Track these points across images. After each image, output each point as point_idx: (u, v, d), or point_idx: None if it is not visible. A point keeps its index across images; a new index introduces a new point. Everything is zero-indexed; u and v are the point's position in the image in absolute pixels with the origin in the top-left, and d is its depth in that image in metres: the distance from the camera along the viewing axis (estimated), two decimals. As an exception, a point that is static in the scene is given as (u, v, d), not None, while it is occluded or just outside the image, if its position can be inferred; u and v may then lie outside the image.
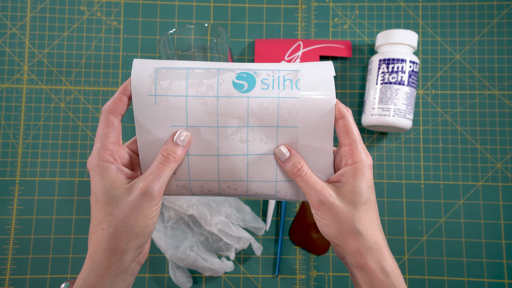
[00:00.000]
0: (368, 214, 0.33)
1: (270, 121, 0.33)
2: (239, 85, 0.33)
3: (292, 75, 0.33)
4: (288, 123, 0.33)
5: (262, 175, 0.35)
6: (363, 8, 0.60)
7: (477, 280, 0.55)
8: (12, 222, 0.55)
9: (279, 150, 0.34)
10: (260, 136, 0.34)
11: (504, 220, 0.56)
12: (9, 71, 0.57)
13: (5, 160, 0.56)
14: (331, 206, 0.32)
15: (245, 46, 0.59)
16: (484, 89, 0.58)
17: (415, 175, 0.57)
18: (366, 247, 0.32)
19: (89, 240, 0.32)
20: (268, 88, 0.33)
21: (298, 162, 0.33)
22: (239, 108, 0.33)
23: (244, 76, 0.33)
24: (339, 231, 0.32)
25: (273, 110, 0.33)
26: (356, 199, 0.32)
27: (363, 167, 0.33)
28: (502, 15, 0.59)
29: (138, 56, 0.58)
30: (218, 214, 0.52)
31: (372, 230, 0.33)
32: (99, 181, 0.32)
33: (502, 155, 0.57)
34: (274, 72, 0.34)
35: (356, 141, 0.33)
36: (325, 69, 0.34)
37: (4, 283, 0.54)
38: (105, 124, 0.32)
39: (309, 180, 0.33)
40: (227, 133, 0.33)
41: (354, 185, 0.32)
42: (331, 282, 0.55)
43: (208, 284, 0.55)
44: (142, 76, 0.33)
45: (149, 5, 0.59)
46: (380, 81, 0.53)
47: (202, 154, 0.34)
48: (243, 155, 0.34)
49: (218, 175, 0.35)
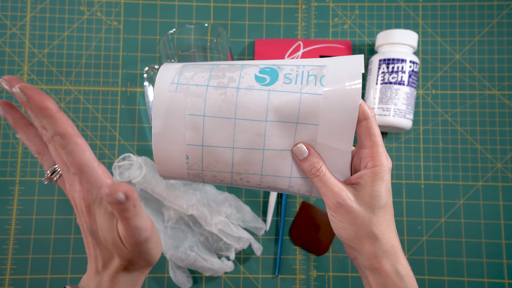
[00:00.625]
0: (385, 218, 0.32)
1: (290, 117, 0.32)
2: (261, 78, 0.32)
3: (317, 70, 0.32)
4: (308, 120, 0.32)
5: (276, 170, 0.34)
6: (363, 8, 0.59)
7: (477, 280, 0.55)
8: (12, 222, 0.55)
9: (298, 148, 0.33)
10: (278, 131, 0.33)
11: (504, 220, 0.56)
12: (9, 71, 0.57)
13: (5, 160, 0.56)
14: (349, 209, 0.32)
15: (245, 46, 0.59)
16: (484, 89, 0.58)
17: (415, 175, 0.57)
18: (382, 251, 0.32)
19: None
20: (290, 82, 0.32)
21: (317, 162, 0.32)
22: (258, 101, 0.32)
23: (267, 70, 0.33)
24: (356, 235, 0.32)
25: (294, 106, 0.32)
26: (375, 203, 0.32)
27: (383, 171, 0.32)
28: (502, 15, 0.59)
29: (138, 56, 0.58)
30: (218, 214, 0.52)
31: (389, 234, 0.32)
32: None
33: (502, 155, 0.57)
34: (299, 67, 0.33)
35: (378, 144, 0.32)
36: (353, 65, 0.32)
37: (4, 283, 0.54)
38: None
39: (327, 181, 0.32)
40: (244, 126, 0.32)
41: (373, 188, 0.32)
42: (331, 282, 0.55)
43: (208, 284, 0.55)
44: (169, 71, 0.33)
45: (149, 5, 0.59)
46: (380, 81, 0.53)
47: (217, 145, 0.33)
48: (259, 150, 0.33)
49: (232, 167, 0.34)
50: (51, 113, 0.28)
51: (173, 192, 0.52)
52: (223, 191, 0.56)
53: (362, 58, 0.32)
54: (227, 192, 0.56)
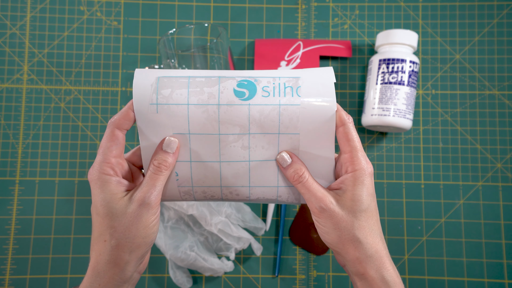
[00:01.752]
0: (368, 223, 0.33)
1: (272, 128, 0.33)
2: (240, 92, 0.33)
3: (292, 82, 0.33)
4: (289, 130, 0.33)
5: (263, 181, 0.35)
6: (363, 8, 0.59)
7: (477, 280, 0.55)
8: (12, 222, 0.55)
9: (281, 156, 0.34)
10: (262, 143, 0.34)
11: (504, 220, 0.56)
12: (9, 71, 0.57)
13: (5, 160, 0.56)
14: (331, 213, 0.32)
15: (245, 46, 0.59)
16: (484, 89, 0.58)
17: (415, 175, 0.57)
18: (365, 256, 0.32)
19: (91, 251, 0.33)
20: (269, 95, 0.33)
21: (299, 169, 0.33)
22: (240, 116, 0.33)
23: (245, 83, 0.33)
24: (339, 239, 0.33)
25: (274, 117, 0.33)
26: (356, 207, 0.32)
27: (363, 175, 0.33)
28: (502, 15, 0.59)
29: (138, 56, 0.58)
30: (218, 214, 0.52)
31: (373, 239, 0.33)
32: (100, 194, 0.32)
33: (502, 155, 0.57)
34: (275, 79, 0.34)
35: (357, 149, 0.33)
36: (325, 75, 0.34)
37: (4, 283, 0.54)
38: (109, 137, 0.33)
39: (310, 187, 0.33)
40: (228, 140, 0.34)
41: (354, 192, 0.32)
42: (331, 282, 0.55)
43: (208, 284, 0.55)
44: (144, 86, 0.33)
45: (149, 5, 0.59)
46: (380, 81, 0.53)
47: (204, 161, 0.34)
48: (244, 161, 0.34)
49: (221, 181, 0.35)
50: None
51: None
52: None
53: (332, 70, 0.34)
54: (227, 192, 0.56)
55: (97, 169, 0.32)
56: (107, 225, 0.32)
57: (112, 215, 0.32)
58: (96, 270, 0.32)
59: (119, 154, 0.33)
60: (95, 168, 0.33)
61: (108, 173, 0.32)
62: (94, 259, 0.32)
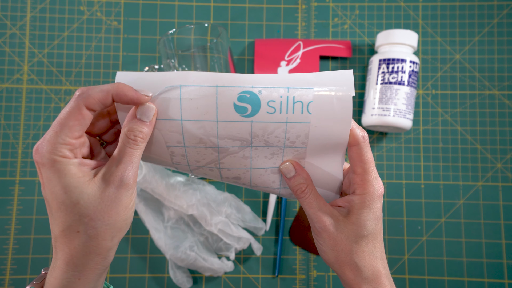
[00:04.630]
0: (369, 246, 0.31)
1: (276, 143, 0.31)
2: (242, 108, 0.29)
3: (303, 95, 0.29)
4: (295, 145, 0.31)
5: (266, 184, 0.34)
6: (363, 8, 0.59)
7: (477, 280, 0.55)
8: (12, 222, 0.55)
9: (285, 167, 0.32)
10: (264, 153, 0.31)
11: (504, 220, 0.56)
12: (9, 71, 0.57)
13: (5, 160, 0.56)
14: (330, 235, 0.31)
15: (245, 46, 0.59)
16: (484, 89, 0.58)
17: (415, 175, 0.57)
18: (362, 278, 0.31)
19: (58, 244, 0.28)
20: (275, 112, 0.29)
21: (303, 183, 0.32)
22: (241, 132, 0.30)
23: (247, 97, 0.29)
24: (336, 260, 0.32)
25: (280, 134, 0.30)
26: (358, 232, 0.31)
27: (372, 199, 0.31)
28: (502, 15, 0.59)
29: (138, 56, 0.58)
30: (218, 214, 0.52)
31: (371, 262, 0.31)
32: (59, 180, 0.27)
33: (502, 155, 0.57)
34: (283, 91, 0.29)
35: (368, 171, 0.31)
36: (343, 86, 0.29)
37: (4, 283, 0.54)
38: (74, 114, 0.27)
39: (311, 204, 0.32)
40: (228, 152, 0.31)
41: (359, 217, 0.31)
42: (331, 282, 0.55)
43: (208, 284, 0.55)
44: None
45: (149, 5, 0.59)
46: (380, 81, 0.53)
47: (203, 166, 0.32)
48: (246, 169, 0.32)
49: (221, 178, 0.34)
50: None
51: (173, 192, 0.52)
52: (223, 191, 0.56)
53: (351, 74, 0.29)
54: (227, 192, 0.56)
55: (49, 150, 0.27)
56: (78, 214, 0.27)
57: (84, 202, 0.27)
58: (73, 263, 0.28)
59: (81, 135, 0.28)
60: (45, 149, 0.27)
61: (66, 155, 0.27)
62: (67, 252, 0.28)
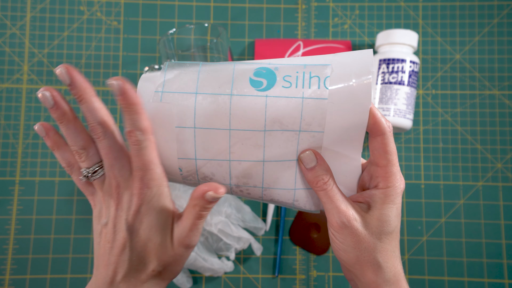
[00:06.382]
0: (391, 245, 0.30)
1: (291, 125, 0.28)
2: (257, 82, 0.28)
3: (320, 70, 0.28)
4: (312, 128, 0.28)
5: (279, 182, 0.31)
6: (363, 8, 0.59)
7: (477, 280, 0.55)
8: (12, 222, 0.55)
9: (307, 155, 0.29)
10: (278, 141, 0.29)
11: (504, 220, 0.56)
12: (9, 71, 0.57)
13: (5, 160, 0.56)
14: (354, 231, 0.29)
15: (245, 46, 0.59)
16: (484, 89, 0.58)
17: (415, 175, 0.57)
18: (383, 280, 0.29)
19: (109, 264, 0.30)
20: (290, 86, 0.28)
21: (325, 174, 0.29)
22: (255, 109, 0.28)
23: (264, 72, 0.28)
24: (357, 260, 0.29)
25: (296, 113, 0.28)
26: (382, 229, 0.29)
27: (396, 193, 0.29)
28: (502, 15, 0.59)
29: (138, 56, 0.58)
30: (218, 214, 0.52)
31: (393, 262, 0.29)
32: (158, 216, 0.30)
33: (502, 155, 0.57)
34: (299, 67, 0.28)
35: (393, 163, 0.29)
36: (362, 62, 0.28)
37: (4, 283, 0.54)
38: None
39: (334, 197, 0.29)
40: (240, 137, 0.29)
41: (383, 212, 0.29)
42: (331, 282, 0.55)
43: (208, 284, 0.55)
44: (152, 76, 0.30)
45: (149, 5, 0.59)
46: (380, 81, 0.53)
47: (211, 159, 0.30)
48: (258, 162, 0.30)
49: (230, 180, 0.31)
50: (138, 108, 0.28)
51: (173, 192, 0.52)
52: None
53: (371, 54, 0.28)
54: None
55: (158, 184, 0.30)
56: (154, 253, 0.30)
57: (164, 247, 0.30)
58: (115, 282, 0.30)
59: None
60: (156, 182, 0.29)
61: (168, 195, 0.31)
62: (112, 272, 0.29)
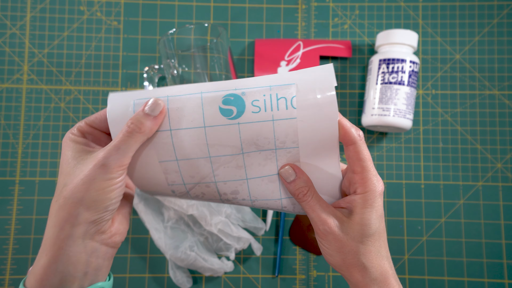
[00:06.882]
0: (375, 246, 0.31)
1: (266, 145, 0.30)
2: (227, 111, 0.29)
3: (286, 91, 0.29)
4: (286, 145, 0.30)
5: (265, 195, 0.33)
6: (363, 8, 0.59)
7: (477, 280, 0.55)
8: (12, 222, 0.55)
9: (285, 170, 0.32)
10: (258, 159, 0.31)
11: (504, 220, 0.56)
12: (9, 71, 0.57)
13: (5, 160, 0.56)
14: (336, 237, 0.31)
15: (245, 46, 0.59)
16: (484, 89, 0.58)
17: (415, 175, 0.57)
18: (370, 279, 0.31)
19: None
20: (260, 111, 0.29)
21: (304, 187, 0.31)
22: (230, 137, 0.30)
23: (231, 99, 0.30)
24: (343, 262, 0.31)
25: (269, 134, 0.30)
26: (364, 232, 0.31)
27: (374, 197, 0.31)
28: (502, 15, 0.59)
29: (138, 56, 0.58)
30: (218, 214, 0.52)
31: (378, 262, 0.31)
32: (65, 152, 0.30)
33: (502, 155, 0.57)
34: (265, 89, 0.30)
35: (368, 169, 0.31)
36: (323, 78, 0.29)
37: (4, 283, 0.54)
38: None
39: (314, 207, 0.31)
40: (221, 162, 0.31)
41: (363, 216, 0.31)
42: (331, 282, 0.55)
43: (208, 284, 0.55)
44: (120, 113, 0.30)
45: (149, 5, 0.59)
46: (380, 81, 0.53)
47: (199, 182, 0.32)
48: (242, 180, 0.32)
49: (220, 196, 0.33)
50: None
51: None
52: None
53: (331, 68, 0.30)
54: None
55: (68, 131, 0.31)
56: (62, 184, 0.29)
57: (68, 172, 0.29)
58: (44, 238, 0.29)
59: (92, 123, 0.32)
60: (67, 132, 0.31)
61: (77, 134, 0.31)
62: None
